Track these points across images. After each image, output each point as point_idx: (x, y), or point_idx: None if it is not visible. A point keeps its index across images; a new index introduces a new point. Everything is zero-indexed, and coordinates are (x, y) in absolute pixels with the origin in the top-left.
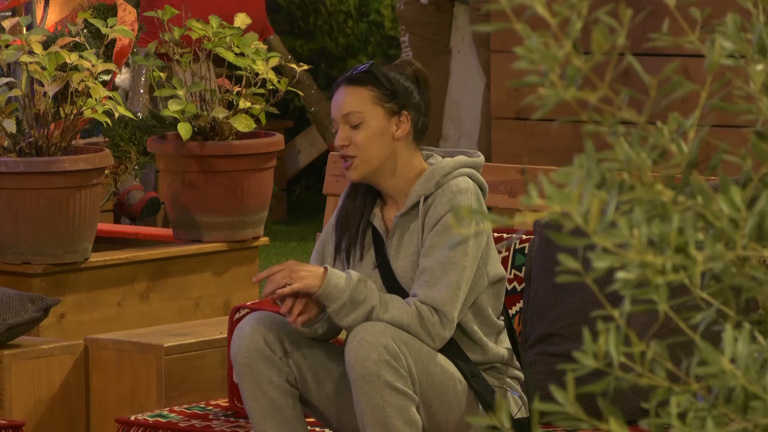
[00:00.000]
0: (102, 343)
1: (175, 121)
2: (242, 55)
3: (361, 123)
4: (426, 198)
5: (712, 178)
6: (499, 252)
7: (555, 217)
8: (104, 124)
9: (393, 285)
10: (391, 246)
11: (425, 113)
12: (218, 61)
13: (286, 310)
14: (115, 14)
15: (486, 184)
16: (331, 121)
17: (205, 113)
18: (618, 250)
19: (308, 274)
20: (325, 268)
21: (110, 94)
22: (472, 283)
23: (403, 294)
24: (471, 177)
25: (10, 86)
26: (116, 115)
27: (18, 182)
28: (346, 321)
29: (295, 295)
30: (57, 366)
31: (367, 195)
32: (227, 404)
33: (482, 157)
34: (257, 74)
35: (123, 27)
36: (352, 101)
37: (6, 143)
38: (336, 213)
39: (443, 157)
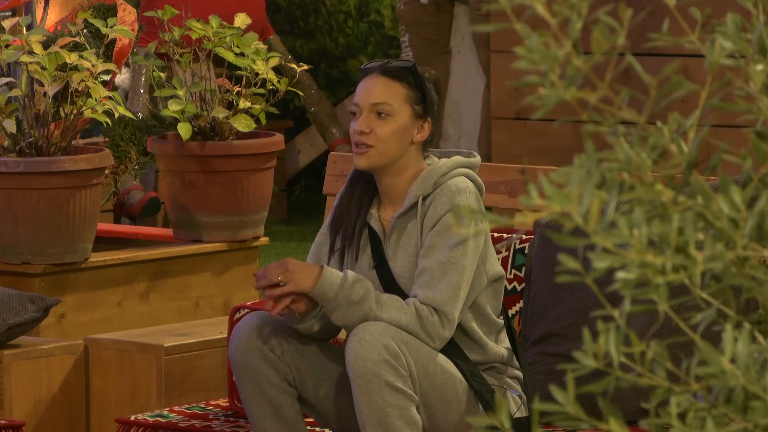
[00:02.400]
0: (102, 343)
1: (175, 121)
2: (242, 55)
3: (388, 116)
4: (424, 198)
5: (712, 178)
6: (499, 252)
7: (555, 217)
8: (104, 124)
9: (391, 286)
10: (388, 247)
11: (437, 124)
12: (218, 61)
13: (269, 308)
14: (115, 14)
15: (483, 184)
16: (331, 121)
17: (205, 113)
18: (618, 250)
19: (301, 275)
20: (321, 267)
21: (110, 94)
22: (472, 283)
23: (401, 295)
24: (468, 177)
25: (10, 86)
26: (116, 115)
27: (18, 182)
28: (341, 320)
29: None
30: (57, 366)
31: (363, 195)
32: (227, 404)
33: (479, 158)
34: (257, 74)
35: (123, 27)
36: (385, 92)
37: (6, 143)
38: (331, 213)
39: (439, 158)
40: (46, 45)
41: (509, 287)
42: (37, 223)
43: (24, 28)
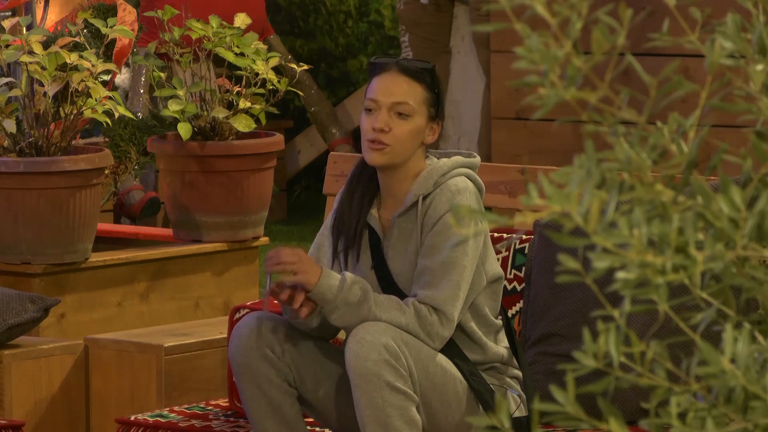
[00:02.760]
0: (102, 343)
1: (175, 121)
2: (242, 55)
3: (408, 116)
4: (424, 198)
5: (712, 178)
6: (499, 252)
7: (555, 217)
8: (104, 124)
9: (389, 285)
10: (387, 246)
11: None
12: (218, 61)
13: (287, 300)
14: (115, 14)
15: (483, 185)
16: (331, 121)
17: (205, 113)
18: (618, 250)
19: (310, 270)
20: (320, 269)
21: (110, 94)
22: (472, 283)
23: (400, 295)
24: (468, 177)
25: (10, 86)
26: (116, 115)
27: (18, 182)
28: (339, 322)
29: (294, 286)
30: (57, 366)
31: (364, 196)
32: (227, 404)
33: (478, 158)
34: (257, 74)
35: (123, 27)
36: (408, 93)
37: (6, 143)
38: (332, 214)
39: (439, 158)
40: (46, 45)
41: (509, 287)
42: (37, 223)
43: (24, 28)
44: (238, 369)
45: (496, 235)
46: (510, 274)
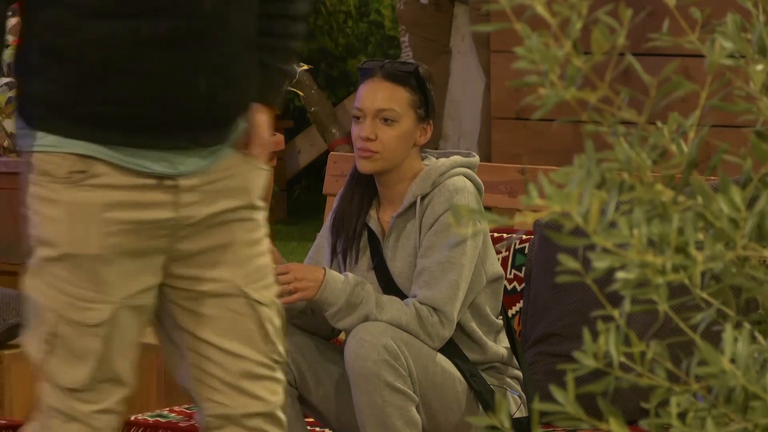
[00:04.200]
0: None
1: None
2: None
3: (393, 122)
4: (423, 198)
5: (712, 178)
6: (499, 252)
7: (555, 217)
8: None
9: (389, 286)
10: (387, 247)
11: (437, 124)
12: None
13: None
14: None
15: (482, 184)
16: (331, 121)
17: None
18: (618, 250)
19: (308, 283)
20: (324, 272)
21: None
22: (471, 282)
23: (400, 295)
24: (467, 176)
25: (10, 86)
26: None
27: (18, 182)
28: (342, 324)
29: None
30: None
31: (363, 197)
32: None
33: (477, 157)
34: None
35: None
36: (390, 99)
37: (6, 143)
38: (331, 215)
39: (437, 158)
40: None
41: (509, 287)
42: None
43: None
44: None
45: (496, 235)
46: (510, 274)
